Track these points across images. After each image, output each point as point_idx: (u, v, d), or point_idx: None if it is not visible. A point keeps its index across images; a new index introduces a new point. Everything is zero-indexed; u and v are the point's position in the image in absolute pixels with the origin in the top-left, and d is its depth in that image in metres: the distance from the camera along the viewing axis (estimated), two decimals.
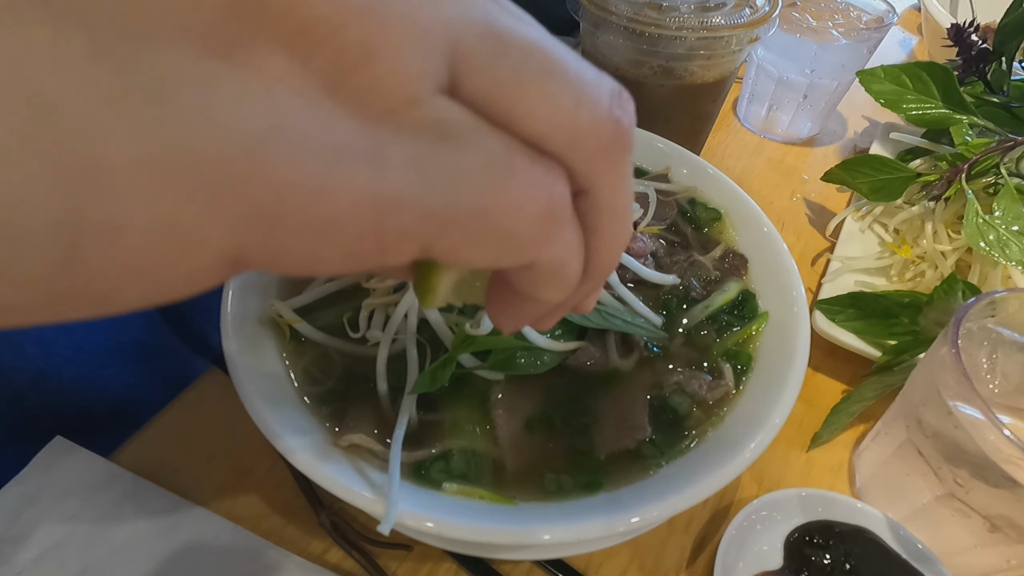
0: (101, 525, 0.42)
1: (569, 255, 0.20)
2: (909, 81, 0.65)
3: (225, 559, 0.42)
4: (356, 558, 0.43)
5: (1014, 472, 0.37)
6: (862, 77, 0.67)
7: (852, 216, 0.67)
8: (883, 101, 0.65)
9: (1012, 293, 0.43)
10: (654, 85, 0.60)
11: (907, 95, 0.65)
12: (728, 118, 0.88)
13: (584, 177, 0.19)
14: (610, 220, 0.20)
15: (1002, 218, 0.55)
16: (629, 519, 0.35)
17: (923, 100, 0.64)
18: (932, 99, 0.64)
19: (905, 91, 0.65)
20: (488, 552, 0.43)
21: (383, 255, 0.16)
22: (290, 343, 0.44)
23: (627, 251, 0.48)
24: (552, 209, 0.18)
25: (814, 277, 0.66)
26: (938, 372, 0.40)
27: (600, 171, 0.19)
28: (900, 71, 0.65)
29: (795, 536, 0.44)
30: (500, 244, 0.17)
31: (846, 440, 0.54)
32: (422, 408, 0.41)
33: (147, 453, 0.48)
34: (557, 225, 0.18)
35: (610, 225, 0.20)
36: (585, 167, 0.18)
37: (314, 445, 0.37)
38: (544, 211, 0.18)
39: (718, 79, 0.63)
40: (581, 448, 0.41)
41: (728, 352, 0.46)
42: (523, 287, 0.21)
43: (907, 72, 0.65)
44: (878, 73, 0.66)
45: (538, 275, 0.20)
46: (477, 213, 0.16)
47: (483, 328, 0.41)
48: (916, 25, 1.13)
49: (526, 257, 0.18)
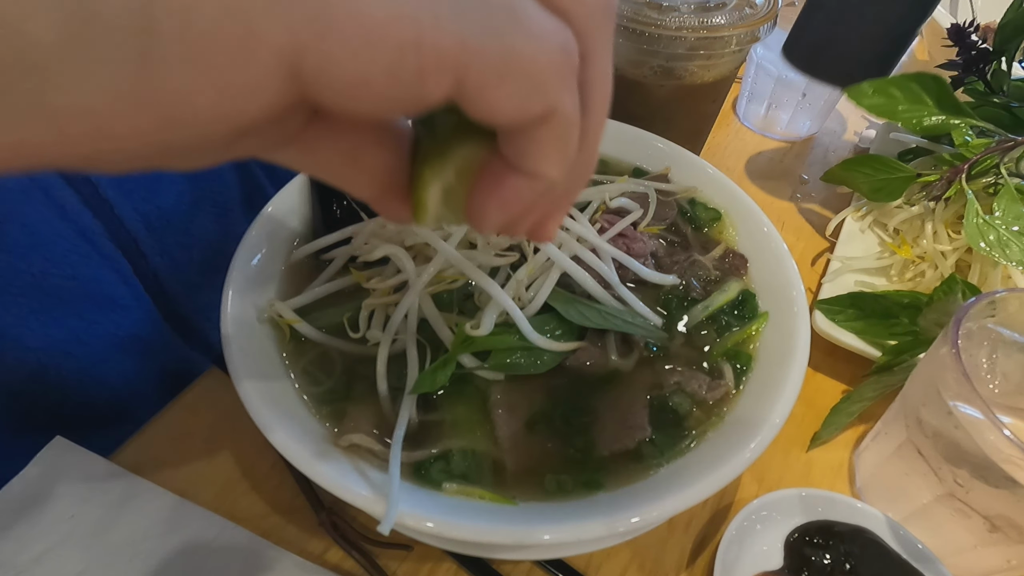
0: (101, 525, 0.42)
1: (576, 115, 0.21)
2: (899, 93, 0.62)
3: (225, 559, 0.42)
4: (356, 558, 0.43)
5: (1014, 472, 0.37)
6: (850, 93, 0.63)
7: (852, 216, 0.67)
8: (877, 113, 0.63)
9: (1012, 293, 0.43)
10: (654, 85, 0.60)
11: (900, 106, 0.62)
12: (728, 117, 0.88)
13: (583, 38, 0.21)
14: (600, 97, 0.23)
15: (1002, 218, 0.55)
16: (629, 519, 0.35)
17: (917, 110, 0.62)
18: (926, 107, 0.62)
19: (897, 102, 0.62)
20: (488, 552, 0.43)
21: (422, 83, 0.18)
22: (290, 343, 0.44)
23: (627, 251, 0.49)
24: (568, 51, 0.20)
25: (814, 277, 0.66)
26: (938, 372, 0.40)
27: (597, 32, 0.21)
28: (889, 84, 0.62)
29: (795, 536, 0.44)
30: (525, 81, 0.19)
31: (846, 440, 0.54)
32: (422, 408, 0.41)
33: (147, 453, 0.48)
34: (571, 72, 0.20)
35: (600, 103, 0.23)
36: (585, 26, 0.21)
37: (314, 445, 0.38)
38: (562, 50, 0.20)
39: (718, 79, 0.63)
40: (581, 448, 0.41)
41: (728, 352, 0.46)
42: (525, 154, 0.22)
43: (896, 85, 0.62)
44: (865, 89, 0.62)
45: (547, 134, 0.21)
46: (507, 47, 0.18)
47: (483, 329, 0.41)
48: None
49: (547, 100, 0.20)
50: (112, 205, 0.53)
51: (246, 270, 0.46)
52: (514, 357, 0.42)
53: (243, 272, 0.45)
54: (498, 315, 0.42)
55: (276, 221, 0.50)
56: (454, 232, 0.44)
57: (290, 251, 0.50)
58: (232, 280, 0.44)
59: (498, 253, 0.45)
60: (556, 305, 0.43)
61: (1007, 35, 0.63)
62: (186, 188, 0.61)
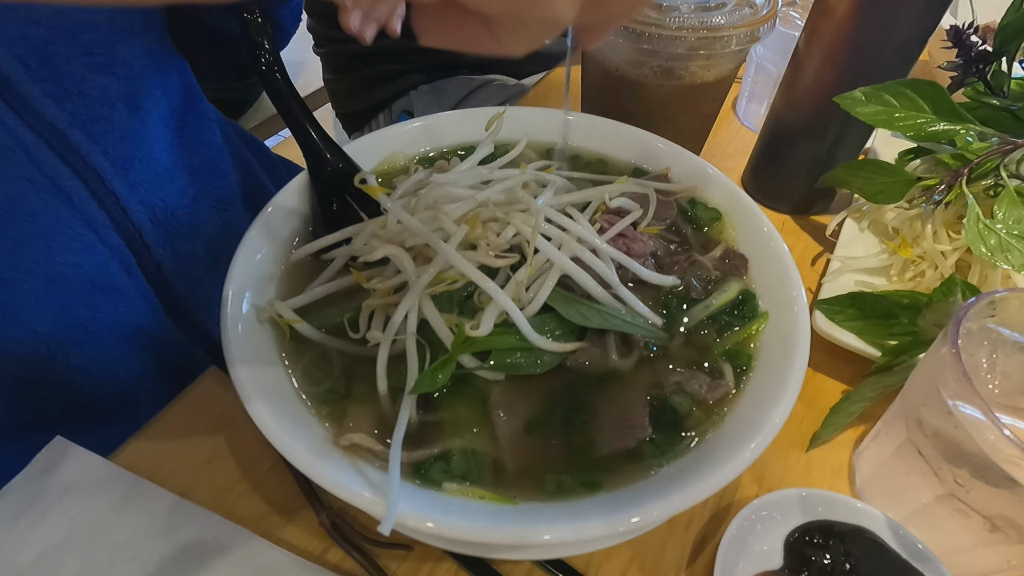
0: (101, 525, 0.42)
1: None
2: (894, 100, 0.61)
3: (225, 559, 0.42)
4: (356, 558, 0.43)
5: (1014, 472, 0.37)
6: (842, 102, 0.61)
7: (852, 216, 0.67)
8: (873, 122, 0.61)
9: (1012, 293, 0.43)
10: (654, 85, 0.61)
11: (896, 113, 0.61)
12: (728, 117, 0.88)
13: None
14: None
15: (1003, 222, 0.55)
16: (629, 519, 0.35)
17: (914, 116, 0.62)
18: (923, 113, 0.62)
19: (893, 109, 0.61)
20: (488, 552, 0.43)
21: None
22: (290, 343, 0.44)
23: (627, 251, 0.49)
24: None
25: (814, 277, 0.66)
26: (938, 372, 0.40)
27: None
28: (882, 91, 0.60)
29: (795, 536, 0.44)
30: None
31: (846, 440, 0.54)
32: (422, 408, 0.41)
33: (147, 453, 0.48)
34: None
35: None
36: None
37: (314, 445, 0.38)
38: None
39: (718, 79, 0.63)
40: (581, 448, 0.41)
41: (728, 352, 0.46)
42: None
43: (890, 92, 0.61)
44: (858, 96, 0.60)
45: None
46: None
47: (483, 329, 0.41)
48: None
49: None
50: (119, 197, 0.54)
51: (246, 270, 0.46)
52: (514, 357, 0.42)
53: (243, 272, 0.45)
54: (498, 316, 0.42)
55: (276, 221, 0.50)
56: (453, 233, 0.45)
57: (290, 251, 0.50)
58: (232, 280, 0.44)
59: (498, 255, 0.45)
60: (556, 305, 0.43)
61: (1007, 36, 0.63)
62: (189, 182, 0.61)
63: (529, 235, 0.44)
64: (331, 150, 0.53)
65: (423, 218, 0.47)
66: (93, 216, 0.52)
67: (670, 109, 0.64)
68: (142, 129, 0.57)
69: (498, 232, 0.46)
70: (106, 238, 0.54)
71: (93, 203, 0.52)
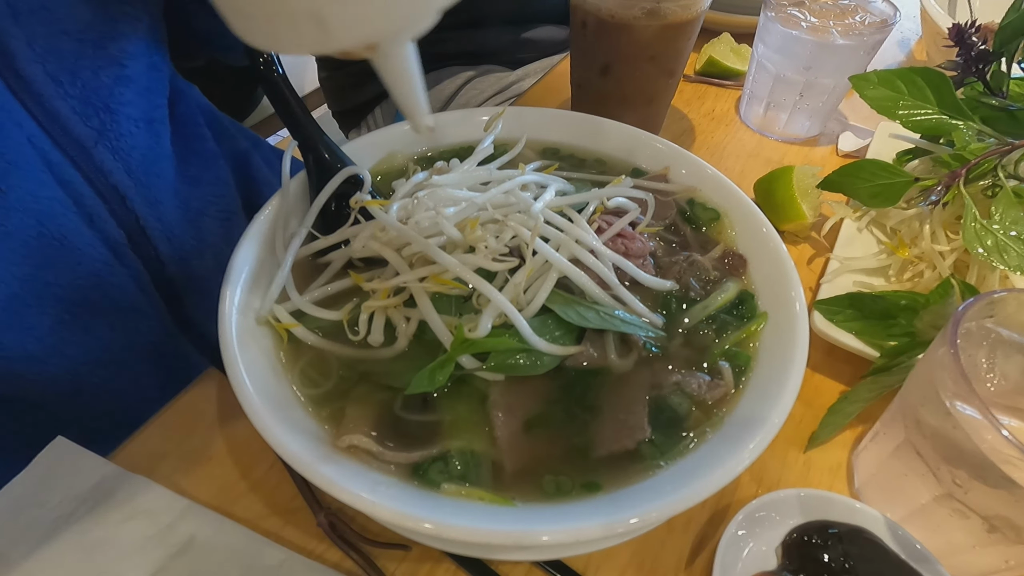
0: (101, 525, 0.42)
1: None
2: (904, 86, 0.64)
3: (225, 559, 0.42)
4: (354, 558, 0.43)
5: (1013, 472, 0.37)
6: (855, 82, 0.65)
7: (850, 216, 0.67)
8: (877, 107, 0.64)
9: (1010, 293, 0.43)
10: (642, 26, 0.67)
11: (902, 100, 0.64)
12: (728, 117, 0.88)
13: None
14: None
15: (1000, 222, 0.55)
16: (628, 520, 0.35)
17: (919, 106, 0.63)
18: (928, 104, 0.63)
19: (900, 96, 0.64)
20: (487, 553, 0.43)
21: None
22: (288, 344, 0.44)
23: (626, 250, 0.49)
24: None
25: (813, 277, 0.66)
26: (937, 372, 0.40)
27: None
28: (895, 76, 0.64)
29: (794, 536, 0.44)
30: None
31: (845, 440, 0.54)
32: (422, 409, 0.41)
33: (147, 453, 0.48)
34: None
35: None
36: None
37: (312, 446, 0.38)
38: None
39: (692, 18, 0.68)
40: (580, 449, 0.41)
41: (727, 352, 0.46)
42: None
43: (901, 77, 0.64)
44: (871, 78, 0.64)
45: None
46: None
47: (480, 331, 0.41)
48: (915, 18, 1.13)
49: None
50: (138, 216, 0.54)
51: (244, 271, 0.46)
52: (513, 358, 0.42)
53: (241, 273, 0.45)
54: (497, 317, 0.42)
55: (275, 222, 0.50)
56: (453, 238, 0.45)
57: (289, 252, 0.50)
58: (230, 281, 0.44)
59: (496, 258, 0.45)
60: (554, 306, 0.43)
61: (1007, 36, 0.63)
62: (192, 194, 0.62)
63: (527, 238, 0.44)
64: (329, 150, 0.53)
65: (423, 220, 0.47)
66: (112, 236, 0.53)
67: (655, 47, 0.69)
68: (156, 145, 0.57)
69: (497, 235, 0.46)
70: (123, 257, 0.54)
71: (112, 222, 0.53)
